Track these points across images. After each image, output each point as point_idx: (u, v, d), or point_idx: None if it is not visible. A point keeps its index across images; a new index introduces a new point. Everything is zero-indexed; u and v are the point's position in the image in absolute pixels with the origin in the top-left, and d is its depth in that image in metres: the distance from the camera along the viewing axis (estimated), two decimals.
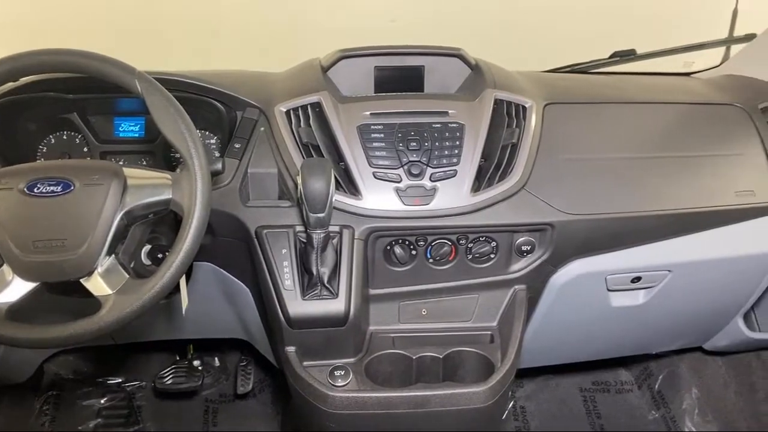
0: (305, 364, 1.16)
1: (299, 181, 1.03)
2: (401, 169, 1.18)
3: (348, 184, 1.18)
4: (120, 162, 1.31)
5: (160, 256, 1.14)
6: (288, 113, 1.22)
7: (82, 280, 0.95)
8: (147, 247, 1.13)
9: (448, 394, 1.12)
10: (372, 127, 1.20)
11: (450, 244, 1.22)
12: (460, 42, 1.35)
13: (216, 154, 1.34)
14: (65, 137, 1.33)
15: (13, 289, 0.95)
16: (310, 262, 1.10)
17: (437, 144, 1.20)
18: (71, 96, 1.28)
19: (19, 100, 1.24)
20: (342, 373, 1.14)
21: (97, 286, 0.95)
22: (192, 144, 0.96)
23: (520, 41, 2.20)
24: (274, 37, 2.18)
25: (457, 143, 1.20)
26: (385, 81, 1.34)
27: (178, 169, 1.00)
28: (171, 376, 1.81)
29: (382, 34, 1.45)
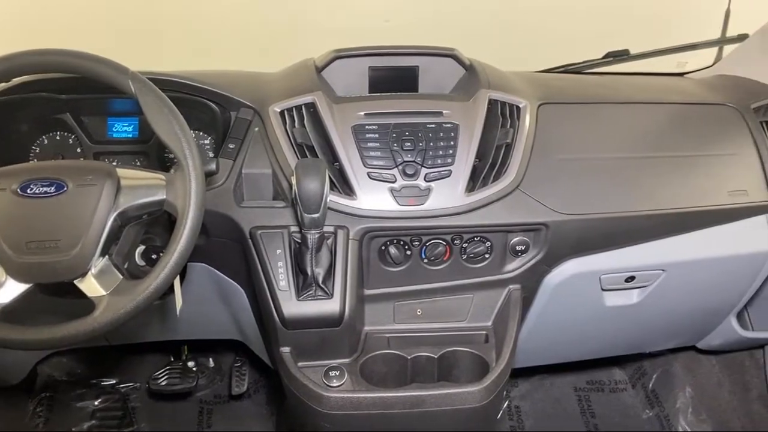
0: (300, 364, 1.16)
1: (294, 181, 1.03)
2: (396, 169, 1.18)
3: (342, 184, 1.18)
4: (113, 162, 1.30)
5: (154, 256, 1.14)
6: (282, 113, 1.22)
7: (75, 281, 0.95)
8: (141, 248, 1.12)
9: (443, 394, 1.12)
10: (366, 127, 1.20)
11: (445, 244, 1.22)
12: (454, 42, 1.35)
13: (210, 155, 1.34)
14: (58, 138, 1.33)
15: (6, 290, 0.94)
16: (305, 262, 1.10)
17: (432, 144, 1.20)
18: (64, 96, 1.28)
19: (12, 101, 1.24)
20: (337, 373, 1.14)
21: (90, 287, 0.95)
22: (186, 144, 0.95)
23: (514, 41, 2.20)
24: (268, 38, 2.18)
25: (452, 143, 1.20)
26: (379, 81, 1.34)
27: (172, 170, 1.00)
28: (165, 377, 1.80)
29: (376, 35, 1.45)
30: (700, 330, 1.66)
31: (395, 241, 1.21)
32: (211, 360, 2.01)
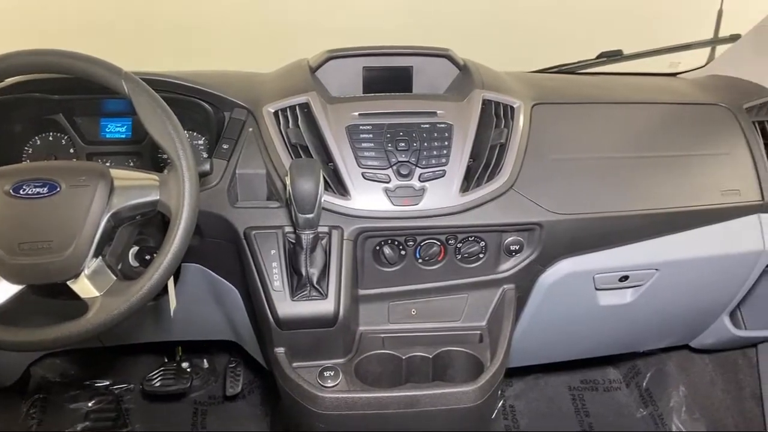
0: (294, 365, 1.16)
1: (288, 181, 1.03)
2: (390, 169, 1.18)
3: (337, 184, 1.18)
4: (107, 163, 1.30)
5: (147, 257, 1.13)
6: (276, 114, 1.22)
7: (68, 283, 0.94)
8: (134, 249, 1.12)
9: (438, 393, 1.12)
10: (361, 127, 1.20)
11: (439, 244, 1.23)
12: (448, 42, 1.36)
13: (204, 155, 1.34)
14: (51, 138, 1.32)
15: None
16: (299, 262, 1.10)
17: (426, 144, 1.20)
18: (57, 97, 1.27)
19: (5, 101, 1.23)
20: (331, 373, 1.14)
21: (84, 288, 0.95)
22: (179, 145, 0.95)
23: (508, 42, 2.21)
24: (262, 38, 2.18)
25: (446, 143, 1.20)
26: (373, 81, 1.34)
27: (165, 170, 1.00)
28: (159, 378, 1.80)
29: (370, 35, 1.45)
30: (693, 329, 1.67)
31: (390, 241, 1.21)
32: (205, 361, 2.01)
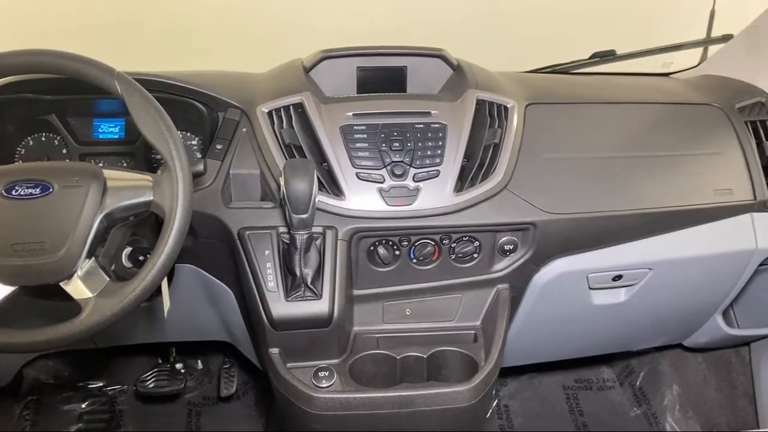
0: (289, 365, 1.15)
1: (282, 182, 1.03)
2: (384, 169, 1.18)
3: (331, 184, 1.18)
4: (100, 164, 1.29)
5: (141, 258, 1.13)
6: (270, 114, 1.22)
7: (61, 284, 0.94)
8: (128, 250, 1.11)
9: (432, 393, 1.12)
10: (355, 127, 1.20)
11: (433, 244, 1.23)
12: (442, 43, 1.36)
13: (197, 156, 1.33)
14: (44, 139, 1.32)
15: None
16: (294, 263, 1.10)
17: (420, 144, 1.20)
18: (50, 97, 1.26)
19: None
20: (326, 374, 1.14)
21: (77, 289, 0.94)
22: (173, 145, 0.95)
23: (502, 42, 2.21)
24: (256, 38, 2.17)
25: (440, 143, 1.20)
26: (367, 81, 1.34)
27: (158, 171, 1.00)
28: (153, 379, 1.79)
29: (363, 35, 1.46)
30: (686, 328, 1.67)
31: (384, 242, 1.21)
32: (199, 362, 2.00)
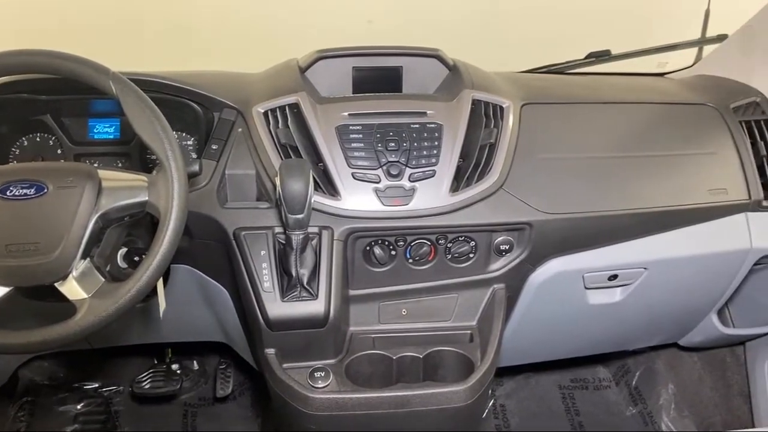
0: (285, 366, 1.15)
1: (277, 182, 1.03)
2: (380, 169, 1.18)
3: (327, 184, 1.18)
4: (95, 164, 1.28)
5: (136, 259, 1.13)
6: (266, 114, 1.22)
7: (56, 285, 0.94)
8: (123, 250, 1.11)
9: (429, 393, 1.12)
10: (350, 127, 1.20)
11: (429, 244, 1.23)
12: (438, 43, 1.36)
13: (193, 156, 1.33)
14: (38, 139, 1.31)
15: None
16: (289, 263, 1.10)
17: (416, 144, 1.20)
18: (44, 97, 1.26)
19: None
20: (322, 374, 1.13)
21: (72, 290, 0.94)
22: (168, 145, 0.95)
23: (497, 42, 2.21)
24: (251, 38, 2.17)
25: (436, 143, 1.20)
26: (363, 81, 1.34)
27: (154, 171, 0.99)
28: (149, 380, 1.79)
29: (359, 35, 1.45)
30: (682, 327, 1.68)
31: (380, 242, 1.21)
32: (195, 362, 2.00)
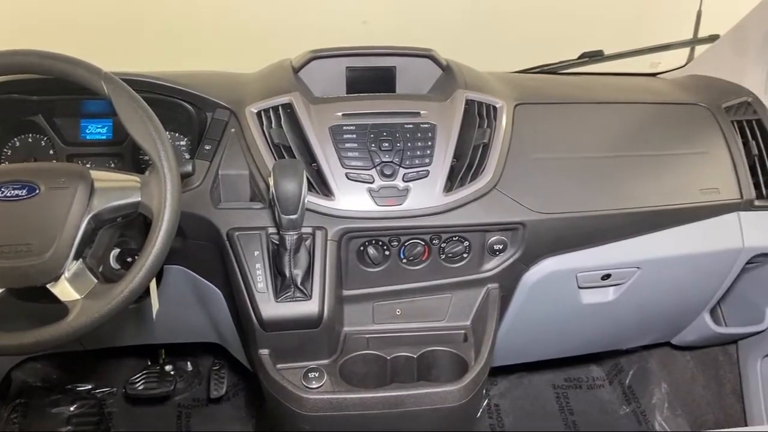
0: (279, 366, 1.15)
1: (271, 182, 1.03)
2: (374, 169, 1.18)
3: (320, 185, 1.18)
4: (87, 165, 1.28)
5: (129, 259, 1.12)
6: (259, 114, 1.22)
7: (48, 286, 0.93)
8: (116, 251, 1.11)
9: (423, 393, 1.12)
10: (344, 127, 1.20)
11: (423, 244, 1.23)
12: (432, 43, 1.36)
13: (186, 156, 1.33)
14: (30, 140, 1.31)
15: None
16: (283, 264, 1.10)
17: (409, 144, 1.20)
18: (36, 98, 1.25)
19: None
20: (316, 374, 1.13)
21: (64, 291, 0.93)
22: (161, 146, 0.94)
23: (491, 42, 2.22)
24: (245, 38, 2.17)
25: (429, 143, 1.20)
26: (356, 82, 1.34)
27: (146, 172, 0.99)
28: (142, 381, 1.78)
29: (353, 35, 1.45)
30: (674, 326, 1.68)
31: (374, 242, 1.21)
32: (189, 363, 1.99)
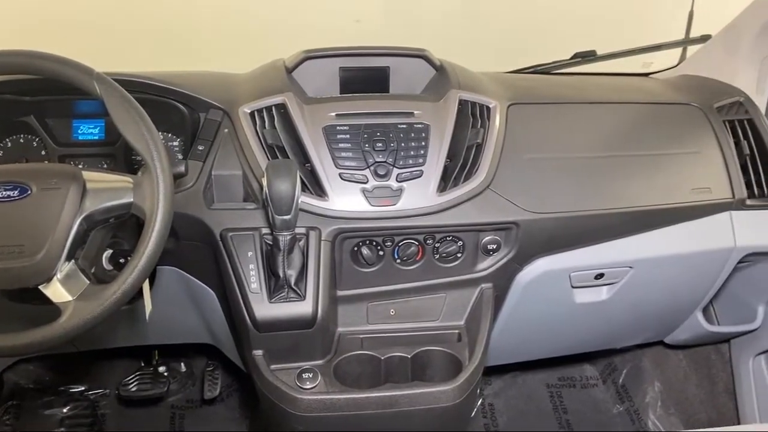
0: (273, 367, 1.15)
1: (264, 182, 1.02)
2: (367, 170, 1.18)
3: (314, 185, 1.17)
4: (79, 165, 1.27)
5: (122, 260, 1.12)
6: (252, 114, 1.21)
7: (40, 287, 0.93)
8: (108, 252, 1.10)
9: (417, 393, 1.12)
10: (338, 128, 1.20)
11: (417, 244, 1.23)
12: (425, 43, 1.36)
13: (179, 157, 1.32)
14: (22, 140, 1.30)
15: None
16: (277, 264, 1.10)
17: (403, 144, 1.20)
18: (28, 98, 1.25)
19: None
20: (310, 375, 1.13)
21: (56, 292, 0.93)
22: (153, 146, 0.94)
23: (484, 42, 2.22)
24: (238, 38, 2.16)
25: (423, 144, 1.21)
26: (350, 82, 1.34)
27: (139, 172, 0.99)
28: (136, 382, 1.77)
29: (346, 35, 1.45)
30: (667, 325, 1.69)
31: (368, 242, 1.21)
32: (182, 364, 1.99)
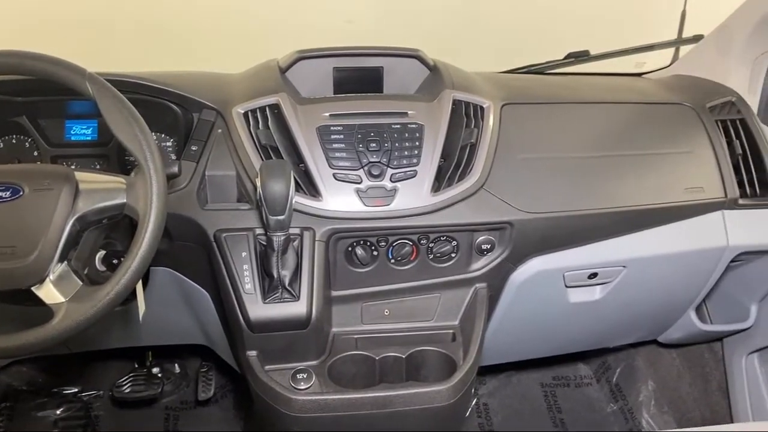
0: (267, 368, 1.15)
1: (258, 183, 1.02)
2: (361, 170, 1.18)
3: (308, 185, 1.17)
4: (72, 166, 1.27)
5: (115, 261, 1.11)
6: (246, 115, 1.21)
7: (33, 288, 0.92)
8: (101, 253, 1.10)
9: (412, 393, 1.12)
10: (331, 128, 1.20)
11: (411, 244, 1.23)
12: (418, 43, 1.36)
13: (172, 157, 1.32)
14: (14, 141, 1.29)
15: None
16: (271, 265, 1.09)
17: (397, 145, 1.20)
18: (20, 99, 1.24)
19: None
20: (305, 375, 1.13)
21: (49, 293, 0.93)
22: (146, 147, 0.94)
23: (478, 42, 2.23)
24: (231, 38, 2.16)
25: (417, 144, 1.21)
26: (344, 82, 1.34)
27: (132, 173, 0.98)
28: (129, 384, 1.77)
29: (340, 35, 1.45)
30: (661, 324, 1.70)
31: (362, 242, 1.21)
32: (176, 365, 1.98)
